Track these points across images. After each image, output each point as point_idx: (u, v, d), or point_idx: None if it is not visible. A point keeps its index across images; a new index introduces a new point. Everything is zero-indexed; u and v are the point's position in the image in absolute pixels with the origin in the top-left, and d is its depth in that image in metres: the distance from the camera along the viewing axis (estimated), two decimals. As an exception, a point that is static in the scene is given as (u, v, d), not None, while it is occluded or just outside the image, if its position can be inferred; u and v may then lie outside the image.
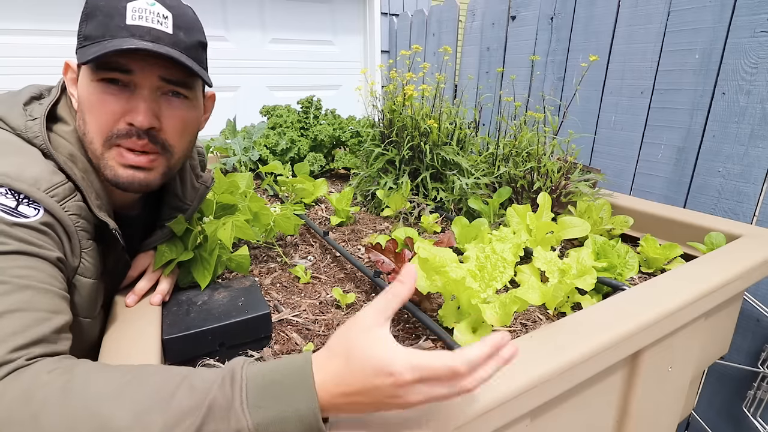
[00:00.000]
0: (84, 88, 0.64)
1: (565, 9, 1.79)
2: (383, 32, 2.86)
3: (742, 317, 1.27)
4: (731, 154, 1.31)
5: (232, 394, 0.40)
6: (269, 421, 0.39)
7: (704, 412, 1.47)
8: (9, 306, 0.47)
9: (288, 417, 0.39)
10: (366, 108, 1.47)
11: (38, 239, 0.54)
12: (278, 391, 0.40)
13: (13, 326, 0.46)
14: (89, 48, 0.61)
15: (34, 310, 0.49)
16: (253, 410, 0.39)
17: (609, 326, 0.63)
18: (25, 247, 0.52)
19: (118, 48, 0.57)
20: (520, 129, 1.28)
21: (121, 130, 0.63)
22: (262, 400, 0.40)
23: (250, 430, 0.38)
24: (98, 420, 0.39)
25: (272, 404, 0.40)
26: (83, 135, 0.65)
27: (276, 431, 0.39)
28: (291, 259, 1.06)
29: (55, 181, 0.59)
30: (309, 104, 1.79)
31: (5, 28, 1.80)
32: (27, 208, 0.54)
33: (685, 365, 0.84)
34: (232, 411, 0.39)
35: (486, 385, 0.50)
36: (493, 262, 0.72)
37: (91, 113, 0.63)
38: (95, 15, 0.62)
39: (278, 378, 0.41)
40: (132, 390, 0.41)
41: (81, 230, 0.62)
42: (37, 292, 0.51)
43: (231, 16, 2.36)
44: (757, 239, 0.94)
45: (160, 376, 0.42)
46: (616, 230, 1.12)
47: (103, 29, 0.61)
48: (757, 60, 1.24)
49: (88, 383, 0.42)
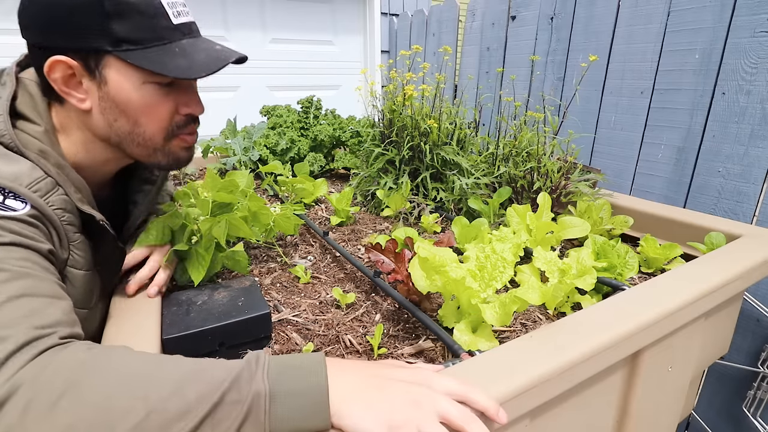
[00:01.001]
0: (130, 90, 0.64)
1: (565, 9, 1.79)
2: (383, 32, 2.86)
3: (742, 317, 1.27)
4: (731, 154, 1.31)
5: (257, 369, 0.44)
6: (283, 393, 0.43)
7: (704, 412, 1.47)
8: (17, 291, 0.47)
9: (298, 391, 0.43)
10: (366, 108, 1.47)
11: (29, 231, 0.54)
12: (295, 372, 0.45)
13: (30, 306, 0.47)
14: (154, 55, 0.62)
15: (40, 295, 0.49)
16: (272, 380, 0.43)
17: (609, 326, 0.63)
18: (19, 239, 0.52)
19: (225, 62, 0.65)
20: (520, 129, 1.28)
21: (181, 121, 0.70)
22: (280, 375, 0.44)
23: (266, 394, 0.42)
24: (142, 387, 0.41)
25: (287, 380, 0.44)
26: (129, 134, 0.67)
27: (286, 405, 0.43)
28: (291, 259, 1.06)
29: (36, 176, 0.58)
30: (309, 104, 1.79)
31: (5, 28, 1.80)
32: (14, 202, 0.54)
33: (685, 365, 0.84)
34: (254, 380, 0.43)
35: (485, 385, 0.50)
36: (493, 262, 0.72)
37: (148, 115, 0.66)
38: (128, 14, 0.60)
39: (296, 363, 0.46)
40: (169, 365, 0.44)
41: (67, 224, 0.61)
42: (38, 280, 0.51)
43: (231, 16, 2.36)
44: (757, 239, 0.94)
45: (189, 359, 0.46)
46: (616, 230, 1.12)
47: (152, 32, 0.62)
48: (757, 60, 1.24)
49: (127, 359, 0.45)
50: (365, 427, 0.42)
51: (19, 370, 0.41)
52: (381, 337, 0.75)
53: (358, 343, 0.75)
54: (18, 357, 0.42)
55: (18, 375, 0.41)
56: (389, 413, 0.43)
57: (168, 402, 0.40)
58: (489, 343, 0.67)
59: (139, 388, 0.41)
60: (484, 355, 0.57)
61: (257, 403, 0.42)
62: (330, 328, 0.78)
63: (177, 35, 0.64)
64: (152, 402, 0.40)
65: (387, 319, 0.82)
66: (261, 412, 0.42)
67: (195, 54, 0.65)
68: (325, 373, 0.45)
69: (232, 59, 0.68)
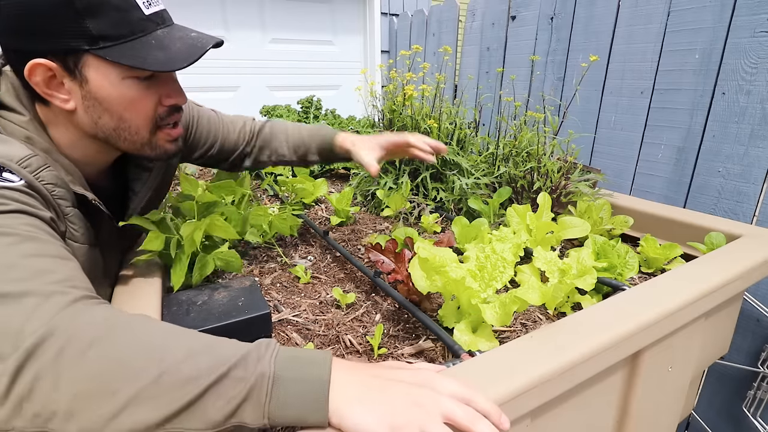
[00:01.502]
0: (112, 87, 0.63)
1: (565, 9, 1.79)
2: (383, 32, 2.86)
3: (742, 317, 1.27)
4: (731, 154, 1.31)
5: (266, 352, 0.45)
6: (287, 378, 0.43)
7: (704, 412, 1.47)
8: (28, 252, 0.48)
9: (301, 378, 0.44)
10: (366, 108, 1.47)
11: (29, 200, 0.55)
12: (302, 362, 0.45)
13: (43, 266, 0.48)
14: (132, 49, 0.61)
15: (51, 256, 0.50)
16: (278, 365, 0.44)
17: (609, 326, 0.63)
18: (22, 206, 0.53)
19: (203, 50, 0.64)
20: (520, 129, 1.28)
21: (164, 113, 0.70)
22: (287, 362, 0.45)
23: (270, 376, 0.43)
24: (159, 350, 0.43)
25: (294, 367, 0.44)
26: (115, 130, 0.67)
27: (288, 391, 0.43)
28: (291, 259, 1.06)
29: (25, 154, 0.59)
30: (309, 104, 1.79)
31: None
32: (10, 175, 0.55)
33: (685, 365, 0.84)
34: (261, 361, 0.44)
35: (486, 385, 0.50)
36: (493, 262, 0.72)
37: (131, 110, 0.66)
38: (101, 10, 0.59)
39: (305, 355, 0.47)
40: (186, 334, 0.46)
41: (59, 198, 0.62)
42: (46, 243, 0.52)
43: (231, 16, 2.36)
44: (757, 239, 0.94)
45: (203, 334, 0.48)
46: (616, 230, 1.12)
47: (127, 26, 0.61)
48: (757, 60, 1.24)
49: (147, 325, 0.46)
50: (366, 428, 0.42)
51: (54, 317, 0.43)
52: (381, 337, 0.75)
53: (358, 343, 0.75)
54: (48, 306, 0.44)
55: (53, 321, 0.42)
56: (391, 415, 0.43)
57: (180, 366, 0.42)
58: (489, 343, 0.67)
59: (157, 350, 0.43)
60: (485, 355, 0.57)
61: (260, 383, 0.42)
62: (330, 328, 0.78)
63: (151, 26, 0.64)
64: (166, 364, 0.42)
65: (387, 319, 0.82)
66: (263, 394, 0.42)
67: (171, 44, 0.64)
68: (330, 368, 0.45)
69: (209, 45, 0.66)
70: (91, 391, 0.40)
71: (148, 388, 0.41)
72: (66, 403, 0.40)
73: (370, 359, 0.71)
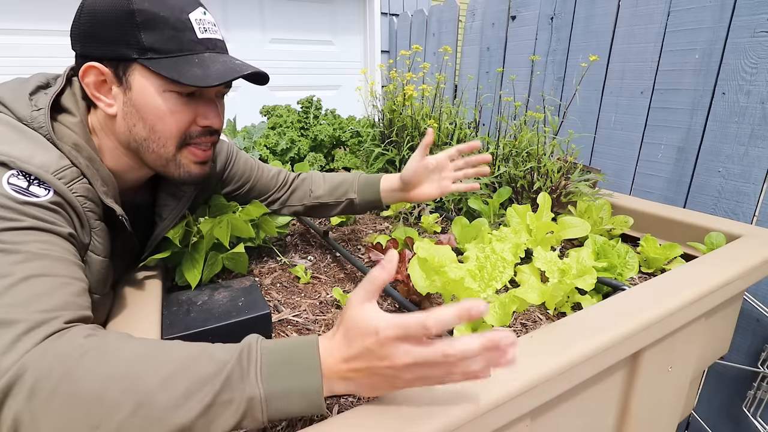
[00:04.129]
0: (152, 97, 0.66)
1: (565, 9, 1.79)
2: (383, 32, 2.86)
3: (742, 317, 1.27)
4: (731, 154, 1.31)
5: (248, 367, 0.45)
6: (278, 393, 0.44)
7: (704, 412, 1.47)
8: (30, 272, 0.50)
9: (294, 390, 0.45)
10: (366, 108, 1.47)
11: (50, 217, 0.56)
12: (288, 368, 0.46)
13: (40, 289, 0.49)
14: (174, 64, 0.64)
15: (55, 275, 0.52)
16: (266, 382, 0.44)
17: (609, 326, 0.63)
18: (39, 223, 0.54)
19: (239, 74, 0.67)
20: (520, 129, 1.28)
21: (195, 132, 0.71)
22: (274, 375, 0.45)
23: (261, 399, 0.44)
24: (129, 380, 0.43)
25: (282, 379, 0.45)
26: (145, 140, 0.68)
27: (283, 403, 0.44)
28: (291, 259, 1.06)
29: (62, 164, 0.61)
30: (309, 104, 1.79)
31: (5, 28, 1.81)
32: (38, 189, 0.56)
33: (685, 365, 0.84)
34: (247, 381, 0.44)
35: (486, 385, 0.50)
36: (493, 262, 0.72)
37: (164, 122, 0.68)
38: (157, 26, 0.63)
39: (289, 356, 0.46)
40: (160, 356, 0.45)
41: (89, 211, 0.64)
42: (55, 260, 0.53)
43: (231, 16, 2.36)
44: (757, 239, 0.94)
45: (182, 347, 0.47)
46: (616, 230, 1.12)
47: (177, 44, 0.65)
48: (757, 60, 1.24)
49: (120, 349, 0.46)
50: None
51: (25, 354, 0.43)
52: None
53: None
54: (25, 341, 0.44)
55: (24, 359, 0.43)
56: None
57: (156, 395, 0.42)
58: (489, 343, 0.67)
59: (129, 380, 0.43)
60: (484, 355, 0.57)
61: (252, 405, 0.44)
62: (330, 328, 0.78)
63: (200, 48, 0.67)
64: (141, 395, 0.42)
65: (387, 319, 0.81)
66: (258, 412, 0.44)
67: (212, 65, 0.67)
68: (319, 368, 0.46)
69: (247, 71, 0.69)
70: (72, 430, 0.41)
71: (128, 420, 0.41)
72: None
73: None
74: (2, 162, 0.55)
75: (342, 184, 1.03)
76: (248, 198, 1.01)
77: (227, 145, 0.97)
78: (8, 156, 0.55)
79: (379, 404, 0.49)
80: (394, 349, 0.44)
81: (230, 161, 0.97)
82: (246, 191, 1.00)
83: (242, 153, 1.01)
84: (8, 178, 0.54)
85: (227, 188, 0.98)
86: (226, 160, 0.96)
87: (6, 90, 0.65)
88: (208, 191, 0.94)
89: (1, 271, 0.48)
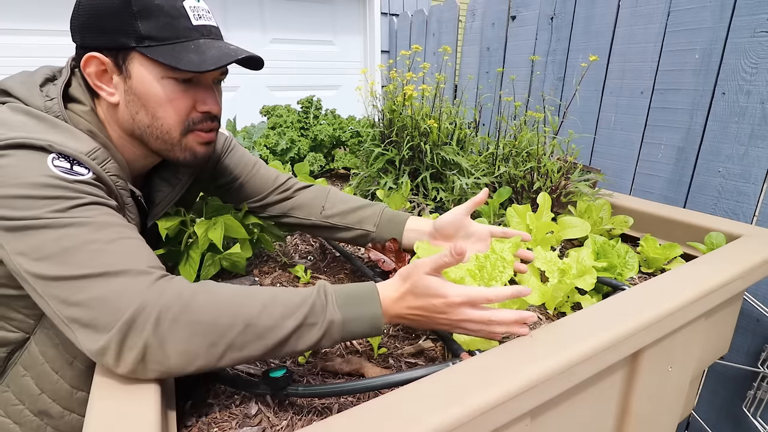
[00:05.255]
0: (150, 84, 0.67)
1: (565, 9, 1.79)
2: (383, 32, 2.86)
3: (742, 317, 1.27)
4: (731, 154, 1.31)
5: (326, 299, 0.58)
6: (351, 317, 0.58)
7: (704, 412, 1.47)
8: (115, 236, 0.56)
9: (364, 316, 0.59)
10: (366, 108, 1.47)
11: (99, 192, 0.60)
12: (357, 299, 0.60)
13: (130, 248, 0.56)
14: (171, 51, 0.66)
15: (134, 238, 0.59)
16: (341, 309, 0.58)
17: (609, 326, 0.63)
18: (96, 198, 0.59)
19: (234, 58, 0.68)
20: (520, 129, 1.28)
21: (197, 118, 0.73)
22: (348, 304, 0.59)
23: (339, 321, 0.57)
24: (236, 308, 0.54)
25: (354, 306, 0.59)
26: (148, 127, 0.70)
27: (354, 325, 0.58)
28: (291, 259, 1.06)
29: (93, 146, 0.64)
30: (309, 104, 1.79)
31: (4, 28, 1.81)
32: (80, 168, 0.60)
33: (685, 365, 0.84)
34: (328, 308, 0.57)
35: (486, 384, 0.50)
36: (493, 261, 0.72)
37: (165, 108, 0.69)
38: (152, 14, 0.65)
39: (355, 292, 0.60)
40: (255, 292, 0.57)
41: (121, 189, 0.68)
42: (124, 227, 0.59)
43: (231, 16, 2.36)
44: (757, 239, 0.94)
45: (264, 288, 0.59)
46: (616, 230, 1.12)
47: (173, 31, 0.66)
48: (757, 60, 1.24)
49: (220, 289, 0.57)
50: None
51: (142, 293, 0.52)
52: (381, 338, 0.75)
53: (358, 343, 0.75)
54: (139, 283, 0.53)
55: (142, 298, 0.51)
56: None
57: (260, 318, 0.54)
58: (489, 343, 0.67)
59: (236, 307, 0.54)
60: (484, 354, 0.57)
61: (331, 328, 0.57)
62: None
63: (195, 35, 0.68)
64: (248, 318, 0.54)
65: (387, 319, 0.81)
66: (335, 332, 0.57)
67: (208, 50, 0.68)
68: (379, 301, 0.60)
69: (242, 55, 0.69)
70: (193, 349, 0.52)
71: (238, 337, 0.53)
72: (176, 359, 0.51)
73: (370, 359, 0.71)
74: (41, 146, 0.57)
75: (360, 210, 0.94)
76: (240, 195, 0.97)
77: (225, 137, 0.96)
78: (45, 140, 0.58)
79: (380, 404, 0.49)
80: (456, 309, 0.58)
81: (225, 152, 0.96)
82: (237, 186, 0.96)
83: (241, 149, 0.99)
84: (52, 161, 0.57)
85: (218, 180, 0.95)
86: (220, 151, 0.95)
87: (15, 82, 0.67)
88: (202, 182, 0.94)
89: (88, 238, 0.54)
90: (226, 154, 0.96)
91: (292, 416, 0.60)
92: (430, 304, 0.58)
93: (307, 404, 0.62)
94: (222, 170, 0.96)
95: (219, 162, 0.95)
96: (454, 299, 0.57)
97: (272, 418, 0.60)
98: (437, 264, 0.59)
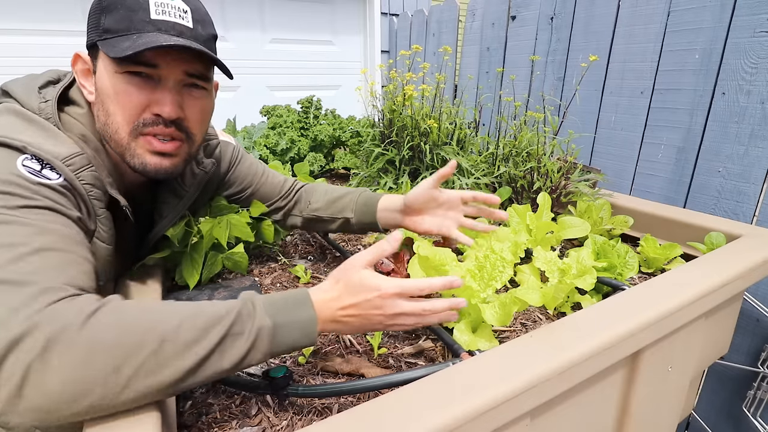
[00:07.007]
0: (106, 79, 0.66)
1: (565, 9, 1.79)
2: (383, 32, 2.86)
3: (742, 317, 1.27)
4: (731, 154, 1.31)
5: (254, 306, 0.53)
6: (282, 323, 0.53)
7: (704, 412, 1.47)
8: (46, 245, 0.52)
9: (295, 322, 0.54)
10: (366, 108, 1.47)
11: (60, 199, 0.58)
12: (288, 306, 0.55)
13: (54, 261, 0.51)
14: (116, 42, 0.63)
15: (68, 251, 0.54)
16: (271, 315, 0.53)
17: (609, 326, 0.63)
18: (51, 203, 0.56)
19: (156, 44, 0.61)
20: (520, 129, 1.28)
21: (148, 120, 0.67)
22: (277, 311, 0.54)
23: (269, 327, 0.52)
24: (149, 323, 0.47)
25: (284, 313, 0.54)
26: (104, 125, 0.68)
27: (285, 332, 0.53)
28: (291, 259, 1.06)
29: (73, 151, 0.63)
30: (309, 104, 1.79)
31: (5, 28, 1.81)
32: (50, 172, 0.59)
33: (685, 365, 0.84)
34: (256, 314, 0.52)
35: (486, 385, 0.50)
36: (493, 261, 0.72)
37: (115, 104, 0.66)
38: (115, 8, 0.64)
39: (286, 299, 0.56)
40: (172, 306, 0.51)
41: (95, 199, 0.65)
42: (66, 239, 0.55)
43: (231, 16, 2.36)
44: (757, 239, 0.94)
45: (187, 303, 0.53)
46: (616, 230, 1.12)
47: (127, 23, 0.64)
48: (757, 60, 1.24)
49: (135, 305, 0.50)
50: None
51: (37, 313, 0.45)
52: (381, 337, 0.75)
53: (358, 343, 0.75)
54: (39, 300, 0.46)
55: (36, 317, 0.44)
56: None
57: (178, 332, 0.47)
58: (489, 343, 0.67)
59: (150, 323, 0.47)
60: (484, 354, 0.57)
61: (261, 335, 0.52)
62: (330, 328, 0.78)
63: (149, 28, 0.64)
64: (163, 333, 0.47)
65: (387, 319, 0.81)
66: (265, 341, 0.52)
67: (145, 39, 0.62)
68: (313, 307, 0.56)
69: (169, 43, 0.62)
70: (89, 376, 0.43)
71: (150, 358, 0.45)
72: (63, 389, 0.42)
73: (371, 359, 0.71)
74: (17, 147, 0.57)
75: (341, 199, 0.97)
76: (248, 204, 0.99)
77: (233, 147, 0.97)
78: (22, 141, 0.58)
79: (380, 404, 0.49)
80: (390, 301, 0.56)
81: (234, 163, 0.96)
82: (247, 196, 0.99)
83: (249, 157, 1.00)
84: (22, 161, 0.57)
85: (229, 191, 0.97)
86: (230, 162, 0.95)
87: (17, 84, 0.67)
88: (210, 193, 0.94)
89: (18, 240, 0.50)
90: (234, 165, 0.97)
91: (292, 416, 0.60)
92: (364, 300, 0.56)
93: (307, 404, 0.62)
94: (232, 181, 0.97)
95: (229, 174, 0.96)
96: (387, 290, 0.56)
97: (272, 418, 0.60)
98: (373, 255, 0.59)
